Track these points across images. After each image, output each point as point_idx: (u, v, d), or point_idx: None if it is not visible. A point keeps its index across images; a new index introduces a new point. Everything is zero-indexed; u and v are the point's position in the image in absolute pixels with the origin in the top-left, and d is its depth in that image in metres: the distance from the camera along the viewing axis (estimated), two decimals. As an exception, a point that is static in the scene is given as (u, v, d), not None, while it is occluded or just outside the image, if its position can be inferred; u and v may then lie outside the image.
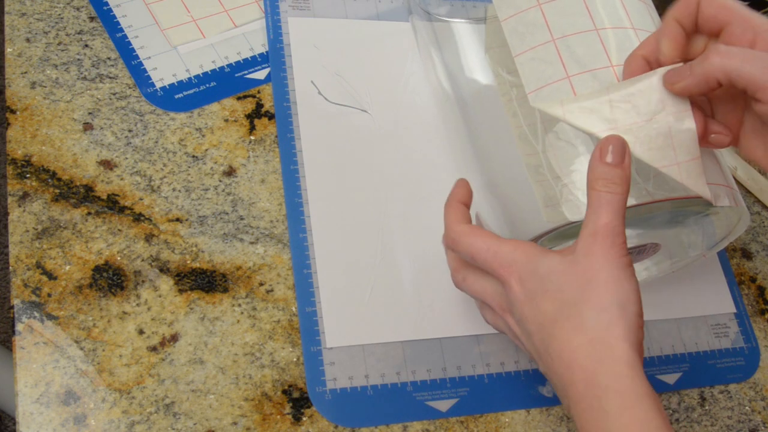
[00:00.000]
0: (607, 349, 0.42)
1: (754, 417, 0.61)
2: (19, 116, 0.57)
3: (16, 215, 0.54)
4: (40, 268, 0.53)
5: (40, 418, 0.49)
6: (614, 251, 0.43)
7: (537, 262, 0.45)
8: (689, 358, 0.61)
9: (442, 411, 0.54)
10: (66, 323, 0.52)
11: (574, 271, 0.43)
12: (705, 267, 0.64)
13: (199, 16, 0.65)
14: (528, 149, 0.54)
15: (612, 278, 0.43)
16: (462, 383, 0.56)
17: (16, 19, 0.60)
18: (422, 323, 0.57)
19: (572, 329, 0.43)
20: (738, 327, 0.63)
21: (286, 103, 0.62)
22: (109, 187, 0.56)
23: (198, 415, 0.51)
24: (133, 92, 0.60)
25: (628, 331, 0.42)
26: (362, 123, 0.63)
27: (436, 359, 0.56)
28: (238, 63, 0.64)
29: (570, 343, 0.43)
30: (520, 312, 0.45)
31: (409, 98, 0.65)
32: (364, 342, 0.55)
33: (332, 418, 0.53)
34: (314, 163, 0.60)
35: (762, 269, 0.67)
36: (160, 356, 0.52)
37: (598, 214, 0.43)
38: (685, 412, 0.59)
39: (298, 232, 0.58)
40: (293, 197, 0.59)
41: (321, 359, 0.54)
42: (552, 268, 0.44)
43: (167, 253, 0.55)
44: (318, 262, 0.57)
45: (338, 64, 0.65)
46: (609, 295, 0.42)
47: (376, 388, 0.54)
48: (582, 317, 0.42)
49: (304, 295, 0.56)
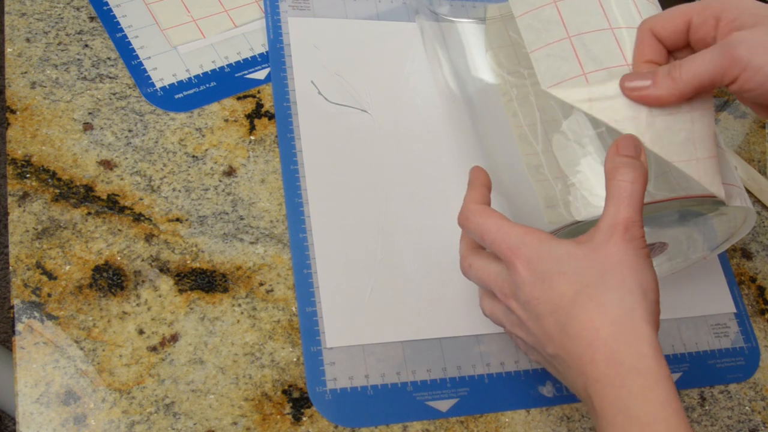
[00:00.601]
0: (631, 329, 0.42)
1: (754, 417, 0.61)
2: (19, 116, 0.57)
3: (16, 215, 0.54)
4: (40, 268, 0.53)
5: (40, 418, 0.49)
6: (635, 243, 0.43)
7: (551, 246, 0.45)
8: (689, 358, 0.61)
9: (443, 411, 0.54)
10: (66, 323, 0.52)
11: (595, 257, 0.44)
12: (705, 267, 0.64)
13: (199, 16, 0.65)
14: (528, 149, 0.54)
15: (634, 265, 0.43)
16: (462, 383, 0.56)
17: (16, 19, 0.60)
18: (422, 323, 0.57)
19: (595, 309, 0.43)
20: (738, 327, 0.63)
21: (286, 103, 0.62)
22: (109, 187, 0.56)
23: (198, 415, 0.51)
24: (133, 92, 0.60)
25: (650, 314, 0.42)
26: (362, 123, 0.63)
27: (436, 359, 0.56)
28: (238, 63, 0.64)
29: (593, 322, 0.42)
30: (528, 294, 0.45)
31: (410, 98, 0.65)
32: (364, 342, 0.55)
33: (332, 418, 0.53)
34: (314, 163, 0.60)
35: (762, 269, 0.67)
36: (160, 356, 0.52)
37: (618, 207, 0.44)
38: (685, 412, 0.59)
39: (298, 232, 0.58)
40: (293, 197, 0.59)
41: (321, 359, 0.54)
42: (571, 253, 0.44)
43: (167, 253, 0.55)
44: (318, 262, 0.57)
45: (338, 64, 0.65)
46: (632, 279, 0.43)
47: (377, 388, 0.54)
48: (605, 298, 0.43)
49: (304, 295, 0.56)
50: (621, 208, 0.44)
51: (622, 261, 0.43)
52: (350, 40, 0.66)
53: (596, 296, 0.43)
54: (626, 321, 0.42)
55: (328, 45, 0.65)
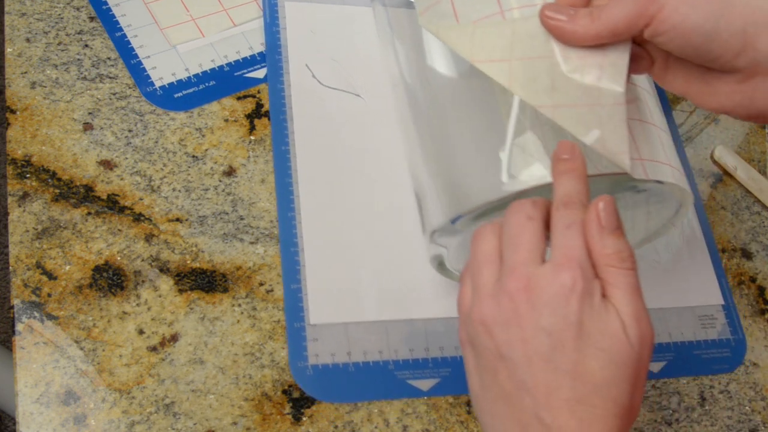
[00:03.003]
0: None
1: (754, 417, 0.61)
2: (19, 116, 0.57)
3: (16, 215, 0.54)
4: (40, 268, 0.53)
5: (40, 418, 0.49)
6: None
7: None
8: (674, 348, 0.61)
9: (423, 390, 0.55)
10: (66, 323, 0.52)
11: (636, 359, 0.39)
12: (694, 259, 0.64)
13: (198, 15, 0.65)
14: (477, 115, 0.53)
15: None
16: (444, 364, 0.56)
17: (16, 19, 0.60)
18: (407, 304, 0.57)
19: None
20: (725, 319, 0.63)
21: (280, 85, 0.63)
22: (109, 187, 0.56)
23: (198, 415, 0.51)
24: (133, 92, 0.60)
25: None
26: (355, 107, 0.63)
27: (420, 339, 0.56)
28: (237, 62, 0.64)
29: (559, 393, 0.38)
30: (560, 327, 0.39)
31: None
32: (347, 320, 0.55)
33: (312, 393, 0.53)
34: (305, 144, 0.61)
35: (762, 269, 0.67)
36: (160, 356, 0.52)
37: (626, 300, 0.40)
38: (685, 412, 0.59)
39: (287, 210, 0.58)
40: (283, 177, 0.59)
41: (304, 335, 0.54)
42: (617, 335, 0.39)
43: (167, 253, 0.55)
44: (305, 241, 0.57)
45: (334, 49, 0.65)
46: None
47: (358, 366, 0.54)
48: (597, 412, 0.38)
49: (290, 273, 0.56)
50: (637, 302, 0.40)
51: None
52: (346, 25, 0.67)
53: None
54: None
55: (324, 30, 0.66)
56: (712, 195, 0.69)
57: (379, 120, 0.63)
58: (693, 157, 0.70)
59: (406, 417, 0.54)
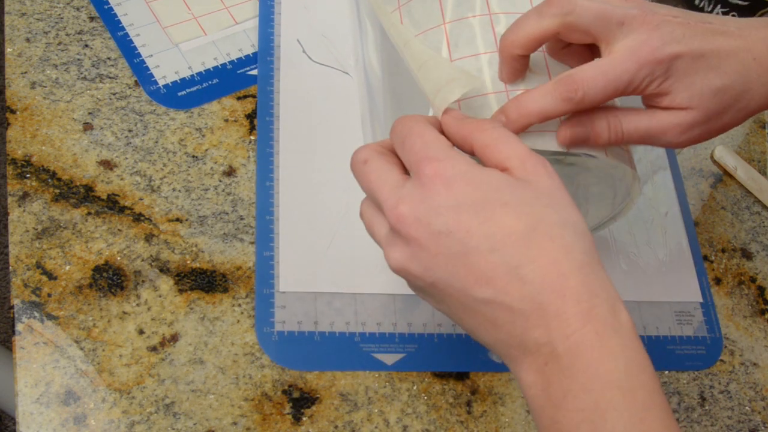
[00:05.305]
0: (599, 280, 0.37)
1: (754, 417, 0.61)
2: (19, 116, 0.57)
3: (16, 215, 0.54)
4: (40, 268, 0.53)
5: (40, 418, 0.49)
6: (555, 174, 0.39)
7: (483, 170, 0.38)
8: (648, 341, 0.61)
9: (388, 364, 0.55)
10: (66, 323, 0.52)
11: (533, 189, 0.38)
12: (675, 255, 0.64)
13: (199, 13, 0.65)
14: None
15: (572, 202, 0.39)
16: (411, 340, 0.56)
17: (16, 19, 0.60)
18: (377, 278, 0.57)
19: (560, 252, 0.37)
20: (703, 317, 0.63)
21: (269, 57, 0.63)
22: (109, 187, 0.56)
23: (198, 415, 0.51)
24: (133, 92, 0.60)
25: (595, 251, 0.39)
26: (342, 84, 0.64)
27: (388, 314, 0.56)
28: (239, 60, 0.64)
29: (559, 267, 0.37)
30: (452, 223, 0.37)
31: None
32: (317, 290, 0.56)
33: (276, 359, 0.53)
34: (289, 116, 0.61)
35: (762, 269, 0.67)
36: (160, 356, 0.52)
37: (510, 144, 0.39)
38: (685, 412, 0.60)
39: (265, 180, 0.59)
40: (265, 147, 0.60)
41: (272, 302, 0.55)
42: (509, 181, 0.38)
43: (167, 253, 0.55)
44: (281, 210, 0.58)
45: (325, 26, 0.66)
46: (578, 217, 0.38)
47: (324, 335, 0.55)
48: (567, 240, 0.37)
49: (264, 240, 0.57)
50: (513, 143, 0.39)
51: (563, 197, 0.38)
52: (339, 2, 0.67)
53: (558, 237, 0.37)
54: (593, 269, 0.37)
55: (316, 6, 0.67)
56: (712, 195, 0.69)
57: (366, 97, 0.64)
58: (693, 157, 0.70)
59: (406, 417, 0.54)
